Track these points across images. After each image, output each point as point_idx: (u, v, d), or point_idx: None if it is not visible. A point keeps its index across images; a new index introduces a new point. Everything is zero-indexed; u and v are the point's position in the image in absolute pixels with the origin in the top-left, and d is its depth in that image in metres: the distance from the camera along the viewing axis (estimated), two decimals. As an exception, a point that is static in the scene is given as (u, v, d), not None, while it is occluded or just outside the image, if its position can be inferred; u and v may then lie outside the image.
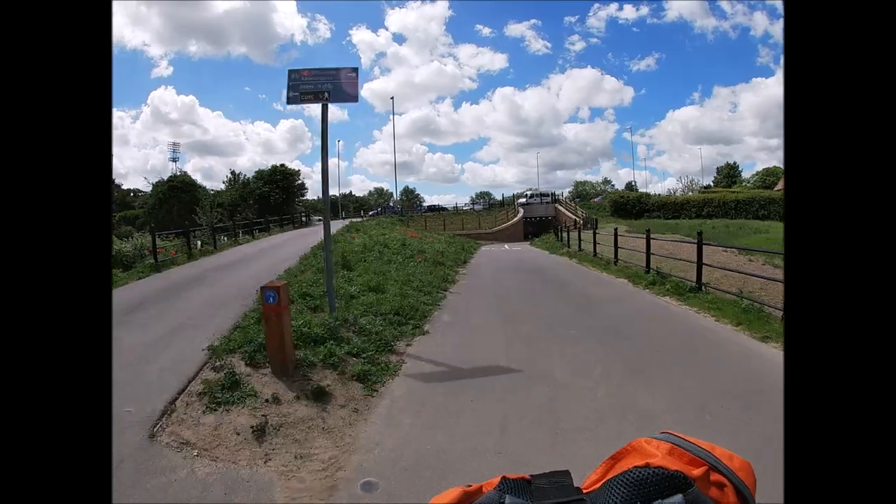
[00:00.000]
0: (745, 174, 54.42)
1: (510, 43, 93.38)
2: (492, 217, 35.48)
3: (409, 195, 62.27)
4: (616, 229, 11.45)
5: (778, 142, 79.13)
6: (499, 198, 47.07)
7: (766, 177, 50.50)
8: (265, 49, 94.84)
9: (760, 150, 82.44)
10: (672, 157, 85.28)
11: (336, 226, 24.77)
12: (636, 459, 0.43)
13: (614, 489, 0.40)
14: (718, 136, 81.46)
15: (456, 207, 40.99)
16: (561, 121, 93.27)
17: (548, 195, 39.92)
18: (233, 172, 38.93)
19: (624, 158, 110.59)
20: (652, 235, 9.42)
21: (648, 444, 0.45)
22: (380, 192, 64.61)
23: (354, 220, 29.30)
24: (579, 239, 15.41)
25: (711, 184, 52.00)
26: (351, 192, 64.55)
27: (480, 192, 65.27)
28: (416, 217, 35.35)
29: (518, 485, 0.42)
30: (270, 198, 30.80)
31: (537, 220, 33.90)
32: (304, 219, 33.73)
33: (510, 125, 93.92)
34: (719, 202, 32.82)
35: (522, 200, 37.56)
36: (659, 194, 40.88)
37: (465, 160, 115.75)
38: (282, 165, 35.37)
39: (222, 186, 38.28)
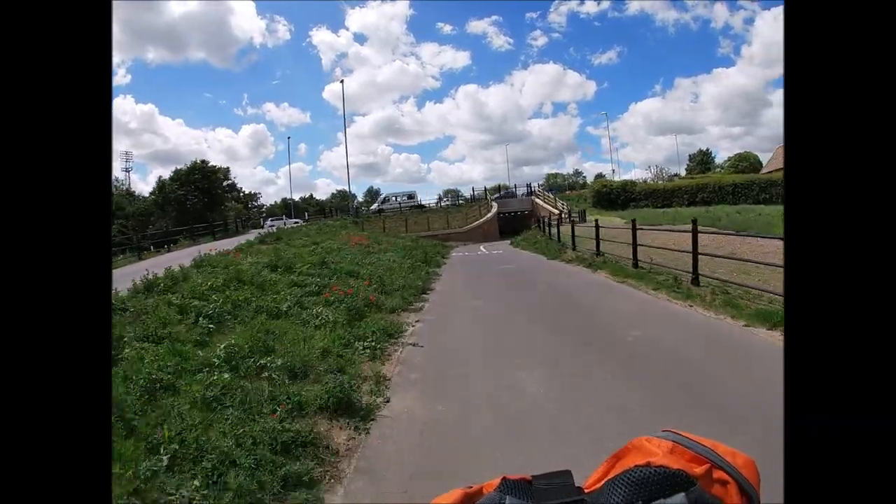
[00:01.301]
0: (716, 161, 53.34)
1: (472, 40, 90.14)
2: (462, 214, 30.63)
3: (375, 196, 58.77)
4: (695, 221, 6.66)
5: (740, 129, 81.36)
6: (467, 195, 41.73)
7: (739, 162, 49.56)
8: (224, 53, 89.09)
9: (723, 138, 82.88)
10: (636, 149, 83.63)
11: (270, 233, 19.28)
12: (637, 458, 0.42)
13: (615, 489, 0.39)
14: (681, 126, 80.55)
15: (421, 205, 35.54)
16: (525, 117, 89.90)
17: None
18: (160, 178, 32.12)
19: (588, 152, 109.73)
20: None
21: (649, 442, 0.43)
22: (343, 195, 60.04)
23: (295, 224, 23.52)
24: (597, 237, 10.44)
25: (684, 171, 50.06)
26: (312, 195, 61.08)
27: (447, 190, 61.19)
28: (374, 218, 30.25)
29: (519, 485, 0.41)
30: (187, 202, 24.52)
31: (512, 216, 30.61)
32: (237, 226, 27.71)
33: (475, 123, 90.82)
34: (715, 187, 30.20)
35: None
36: (645, 181, 37.75)
37: (431, 160, 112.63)
38: (202, 162, 28.74)
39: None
